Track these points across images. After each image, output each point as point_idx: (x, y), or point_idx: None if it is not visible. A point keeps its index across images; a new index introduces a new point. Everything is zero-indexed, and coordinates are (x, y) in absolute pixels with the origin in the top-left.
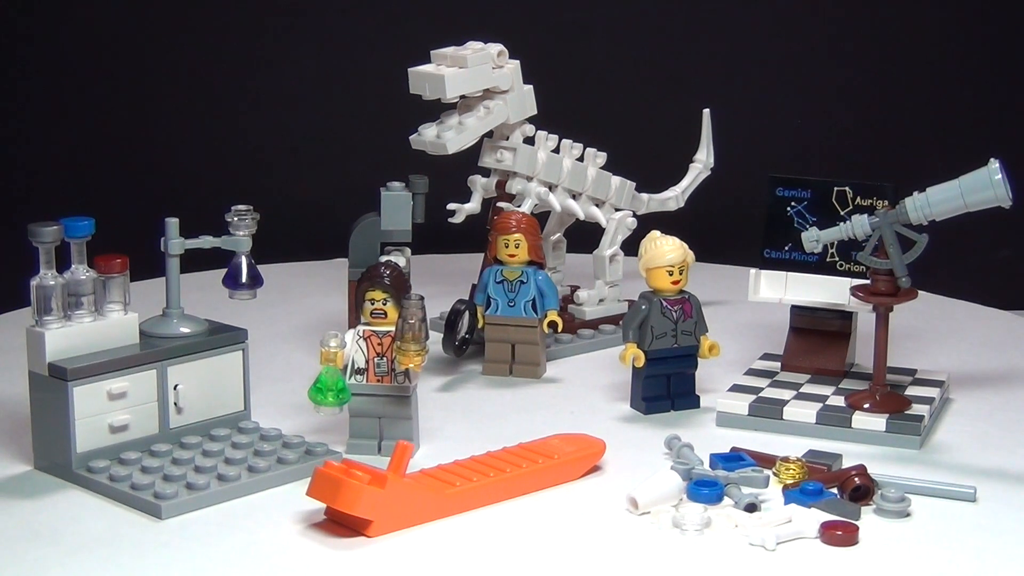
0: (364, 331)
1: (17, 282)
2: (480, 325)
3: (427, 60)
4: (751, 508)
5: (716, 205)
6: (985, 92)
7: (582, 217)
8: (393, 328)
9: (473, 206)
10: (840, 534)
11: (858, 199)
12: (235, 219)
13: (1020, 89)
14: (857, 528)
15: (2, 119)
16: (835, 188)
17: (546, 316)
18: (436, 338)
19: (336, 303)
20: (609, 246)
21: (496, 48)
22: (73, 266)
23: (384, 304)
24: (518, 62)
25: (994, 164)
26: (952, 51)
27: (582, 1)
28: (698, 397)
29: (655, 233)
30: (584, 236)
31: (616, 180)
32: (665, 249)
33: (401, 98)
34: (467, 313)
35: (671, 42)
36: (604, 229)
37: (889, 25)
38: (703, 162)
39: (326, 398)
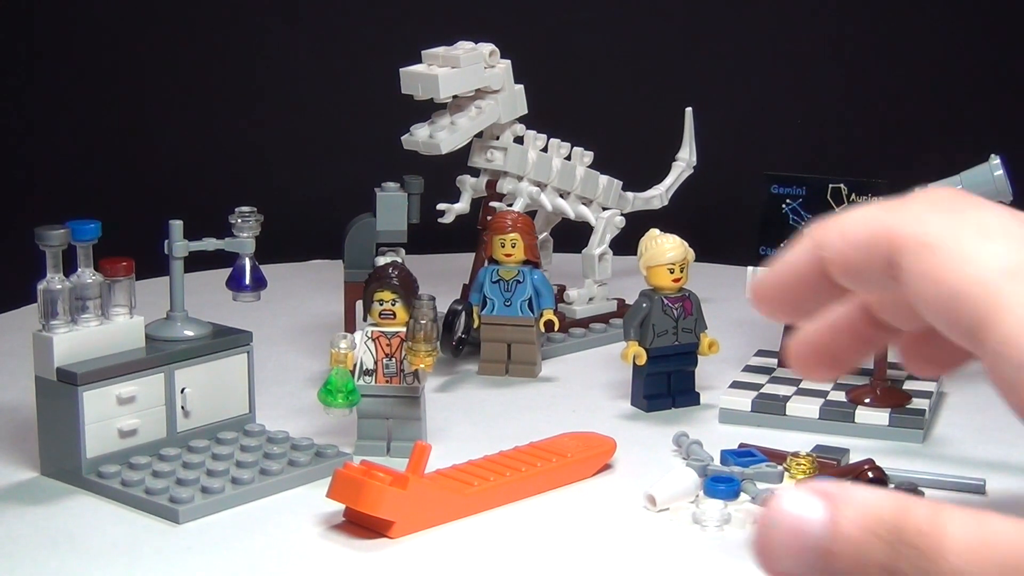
0: (372, 332)
1: (12, 287)
2: (476, 325)
3: (416, 60)
4: None
5: (712, 203)
6: (985, 92)
7: (572, 216)
8: (401, 329)
9: (462, 206)
10: None
11: (853, 196)
12: (239, 220)
13: (1020, 89)
14: None
15: (5, 121)
16: (830, 185)
17: (542, 315)
18: None
19: (332, 305)
20: (598, 245)
21: (488, 48)
22: (79, 270)
23: (393, 305)
24: (509, 62)
25: (995, 160)
26: (952, 51)
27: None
28: (698, 394)
29: (655, 231)
30: (570, 235)
31: (603, 179)
32: (666, 247)
33: (392, 99)
34: (463, 313)
35: (668, 41)
36: (592, 228)
37: (888, 24)
38: (686, 160)
39: (336, 400)
